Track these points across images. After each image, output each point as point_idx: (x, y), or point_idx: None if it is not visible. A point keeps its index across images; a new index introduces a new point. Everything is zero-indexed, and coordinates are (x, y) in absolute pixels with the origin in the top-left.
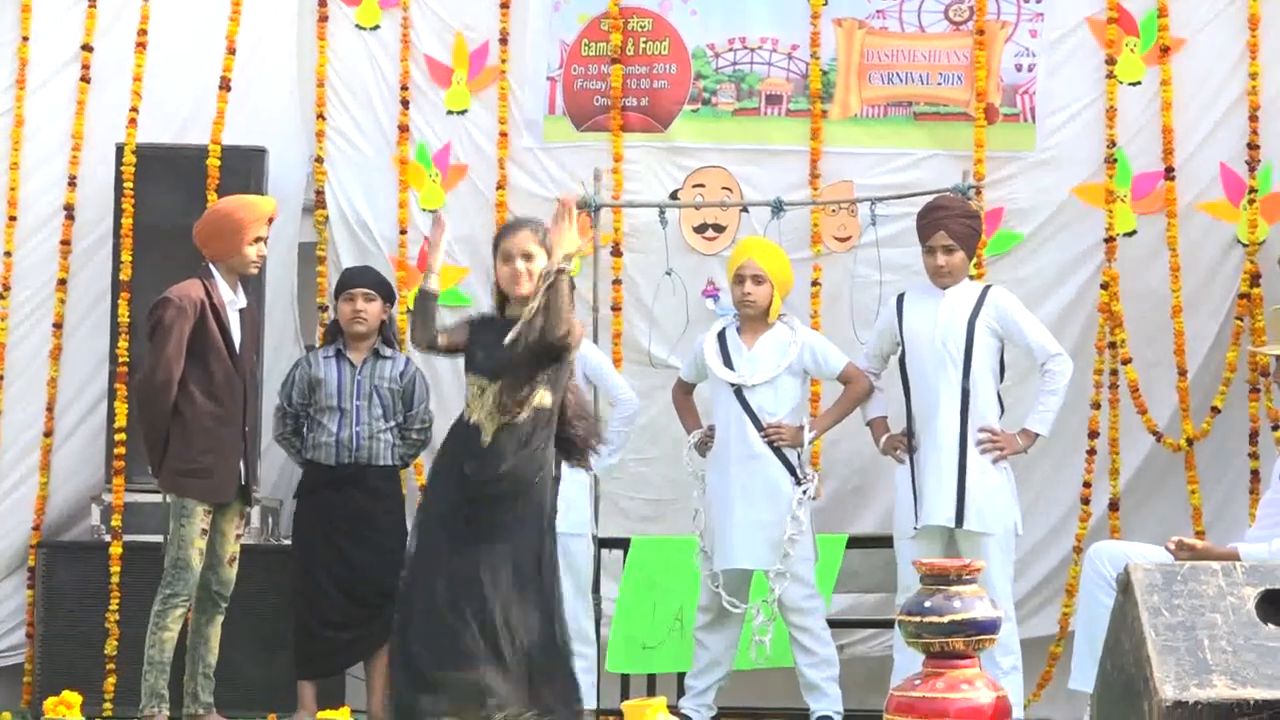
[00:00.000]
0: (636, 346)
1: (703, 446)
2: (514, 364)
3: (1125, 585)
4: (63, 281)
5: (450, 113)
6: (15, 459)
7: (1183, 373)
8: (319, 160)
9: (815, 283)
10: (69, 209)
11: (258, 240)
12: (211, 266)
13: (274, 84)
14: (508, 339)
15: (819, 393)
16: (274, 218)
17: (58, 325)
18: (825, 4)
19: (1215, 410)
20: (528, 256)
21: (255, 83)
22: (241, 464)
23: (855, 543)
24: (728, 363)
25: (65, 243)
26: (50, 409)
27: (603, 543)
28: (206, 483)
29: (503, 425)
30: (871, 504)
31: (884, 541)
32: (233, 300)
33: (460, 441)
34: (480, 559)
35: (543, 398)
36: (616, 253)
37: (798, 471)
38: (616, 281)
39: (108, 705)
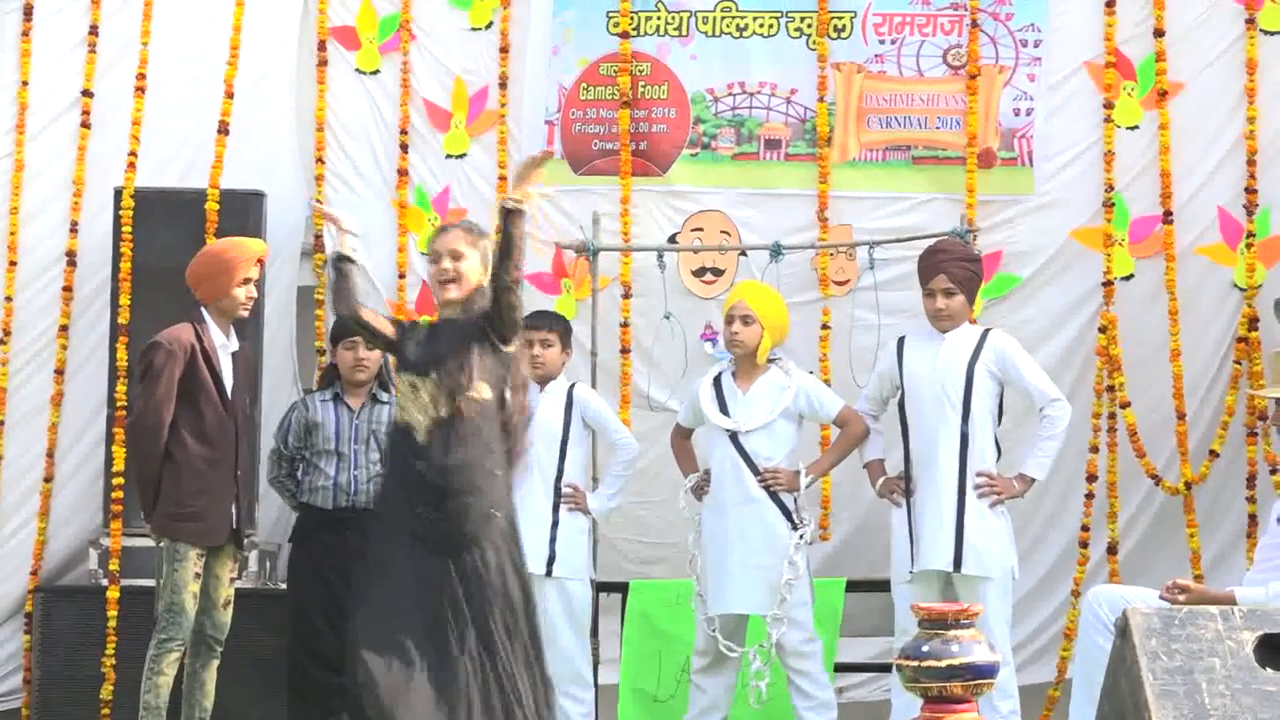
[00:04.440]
0: (635, 390)
1: (699, 491)
2: (449, 353)
3: (1124, 629)
4: (64, 328)
5: (449, 156)
6: (15, 504)
7: (1181, 416)
8: (318, 204)
9: (825, 325)
10: (71, 255)
11: (246, 282)
12: (203, 310)
13: (273, 128)
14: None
15: (828, 436)
16: (264, 259)
17: (59, 371)
18: (826, 49)
19: (1214, 454)
20: (456, 256)
21: (254, 126)
22: (234, 507)
23: (852, 586)
24: (723, 408)
25: (67, 289)
26: (51, 454)
27: (601, 586)
28: (198, 526)
29: (438, 421)
30: (868, 548)
31: (881, 585)
32: (224, 344)
33: (400, 447)
34: (451, 575)
35: (481, 390)
36: (625, 294)
37: (794, 516)
38: (624, 324)
39: None
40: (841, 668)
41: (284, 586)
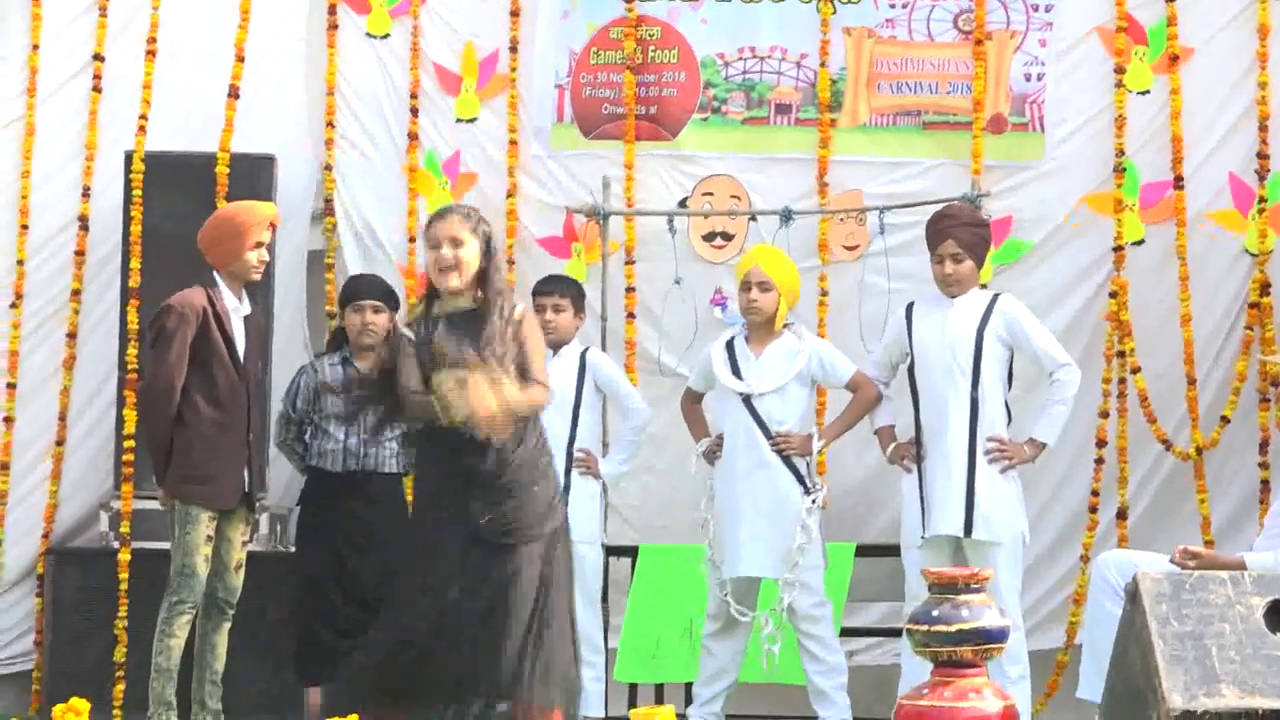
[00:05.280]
0: (645, 355)
1: (711, 455)
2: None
3: (1133, 594)
4: (76, 292)
5: (460, 121)
6: (27, 467)
7: (1192, 382)
8: (328, 168)
9: (824, 292)
10: (83, 220)
11: (258, 245)
12: (215, 274)
13: (283, 92)
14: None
15: (825, 403)
16: (275, 223)
17: (71, 335)
18: (834, 13)
19: (1225, 420)
20: (456, 242)
21: (264, 90)
22: (245, 471)
23: (862, 551)
24: (736, 372)
25: (80, 253)
26: (63, 418)
27: (610, 551)
28: (209, 489)
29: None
30: (877, 513)
31: (890, 550)
32: (237, 308)
33: (447, 447)
34: (509, 570)
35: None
36: (629, 260)
37: (806, 480)
38: (630, 290)
39: (116, 712)
40: (849, 632)
41: (294, 550)
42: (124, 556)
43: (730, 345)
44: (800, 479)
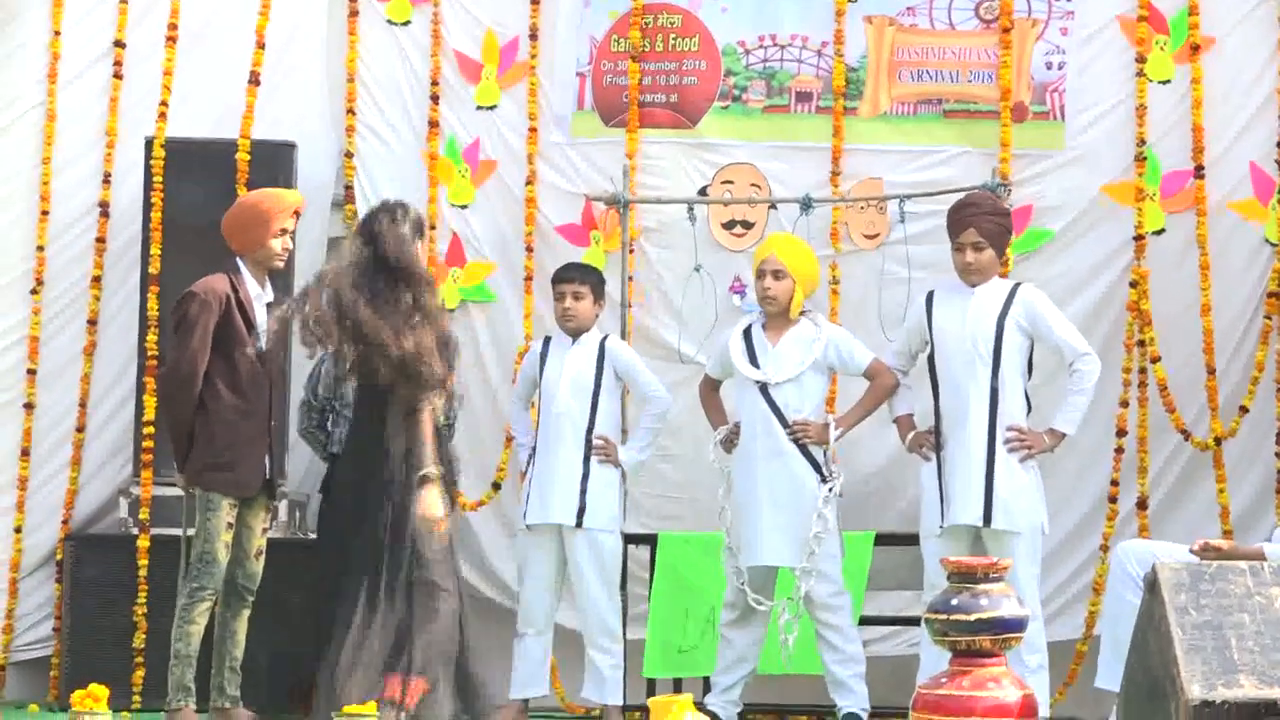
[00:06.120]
0: (663, 343)
1: (728, 444)
2: None
3: (1152, 584)
4: (97, 279)
5: (480, 108)
6: (47, 453)
7: (1211, 371)
8: (349, 155)
9: (835, 280)
10: (104, 206)
11: (283, 233)
12: (239, 261)
13: (304, 79)
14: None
15: (835, 390)
16: (300, 211)
17: (92, 322)
18: (854, 0)
19: (1244, 409)
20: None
21: (285, 77)
22: (267, 458)
23: (880, 540)
24: (753, 360)
25: (100, 240)
26: (83, 404)
27: (628, 539)
28: (231, 476)
29: None
30: (895, 501)
31: (908, 539)
32: (260, 295)
33: None
34: None
35: None
36: (630, 249)
37: (823, 469)
38: (630, 277)
39: (135, 698)
40: (867, 621)
41: (313, 536)
42: (143, 543)
43: (747, 333)
44: (817, 467)
